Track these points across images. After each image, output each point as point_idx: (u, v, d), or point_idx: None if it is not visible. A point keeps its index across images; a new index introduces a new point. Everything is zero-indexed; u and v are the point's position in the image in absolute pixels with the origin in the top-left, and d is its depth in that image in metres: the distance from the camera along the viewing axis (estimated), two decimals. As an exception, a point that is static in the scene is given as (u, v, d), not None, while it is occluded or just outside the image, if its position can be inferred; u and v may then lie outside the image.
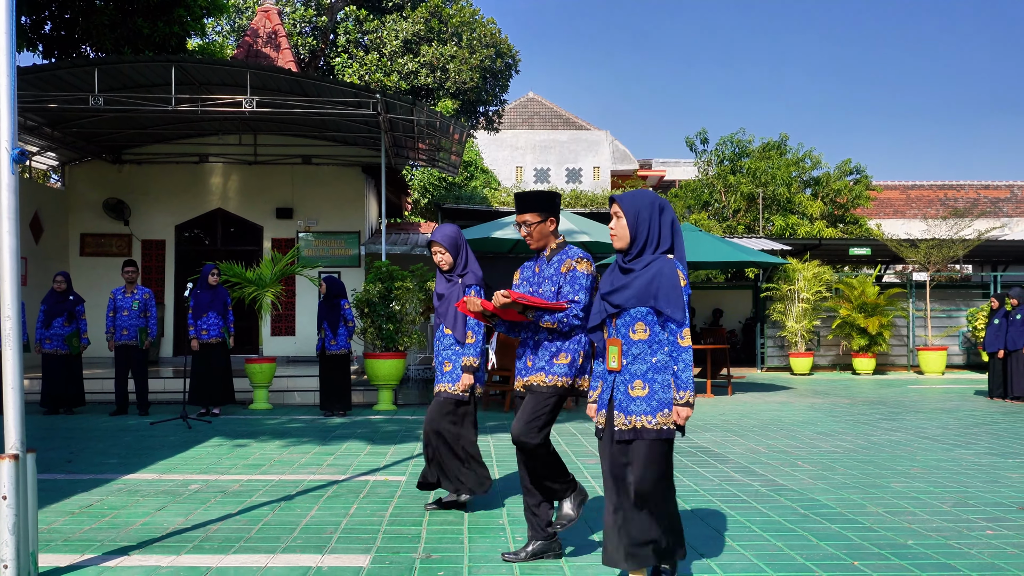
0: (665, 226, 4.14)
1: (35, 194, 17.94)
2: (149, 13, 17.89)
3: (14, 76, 4.48)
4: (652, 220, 4.11)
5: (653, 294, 4.03)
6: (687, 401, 4.02)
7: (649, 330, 4.06)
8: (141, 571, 4.59)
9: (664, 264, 4.06)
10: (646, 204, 4.15)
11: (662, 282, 4.01)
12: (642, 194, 4.23)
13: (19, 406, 4.41)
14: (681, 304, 4.01)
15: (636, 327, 4.09)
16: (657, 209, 4.16)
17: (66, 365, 12.14)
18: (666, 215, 4.16)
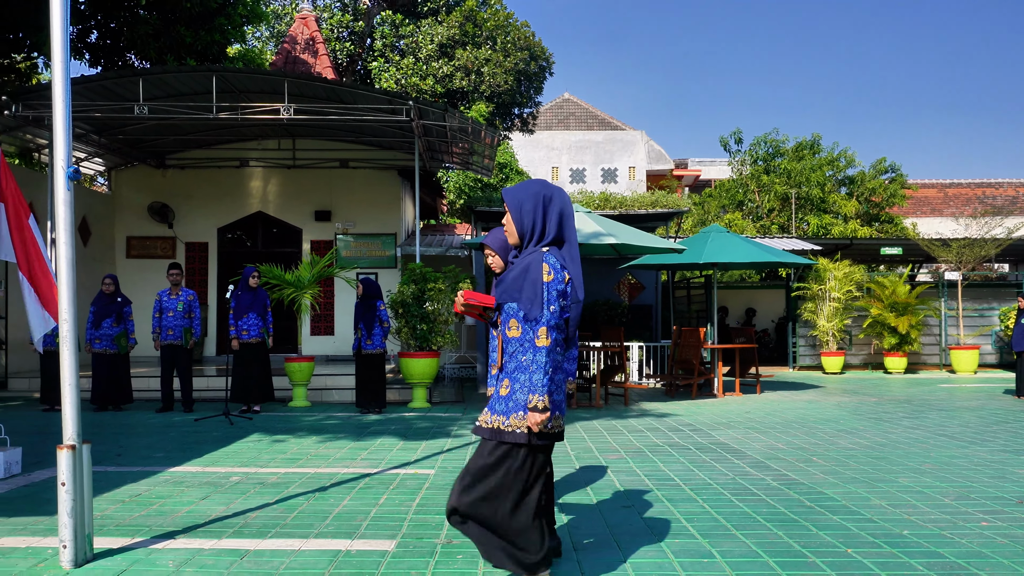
0: (551, 217, 4.01)
1: (83, 198, 18.57)
2: (191, 22, 18.45)
3: (68, 103, 4.91)
4: (536, 212, 4.00)
5: (518, 289, 3.93)
6: (535, 405, 3.84)
7: (520, 327, 3.93)
8: (186, 553, 5.00)
9: (533, 258, 3.93)
10: (530, 196, 4.04)
11: (526, 277, 3.91)
12: (527, 185, 4.10)
13: (75, 402, 4.83)
14: (538, 300, 3.85)
15: (511, 324, 3.99)
16: (542, 200, 4.03)
17: (115, 364, 12.66)
18: (554, 206, 4.04)
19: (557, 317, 3.86)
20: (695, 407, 13.22)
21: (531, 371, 3.85)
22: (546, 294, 3.85)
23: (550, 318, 3.83)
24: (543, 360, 3.82)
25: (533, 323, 3.86)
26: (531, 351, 3.86)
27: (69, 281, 4.88)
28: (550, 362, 3.83)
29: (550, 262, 3.91)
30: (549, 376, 3.84)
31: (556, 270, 3.90)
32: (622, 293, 20.13)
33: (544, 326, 3.83)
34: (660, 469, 7.81)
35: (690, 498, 6.54)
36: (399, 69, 28.12)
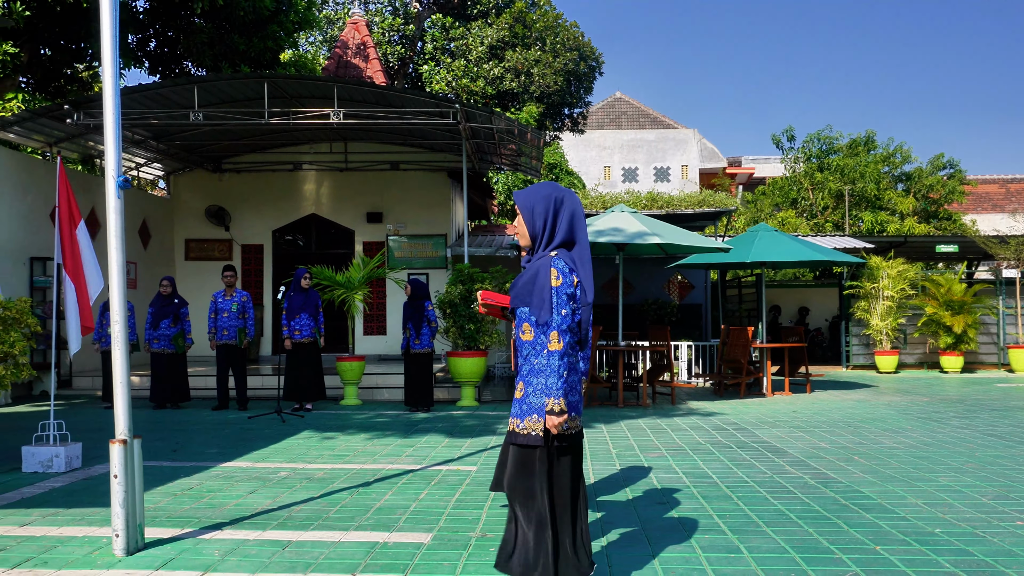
0: (562, 220, 4.05)
1: (143, 203, 19.09)
2: (245, 30, 18.87)
3: (118, 118, 5.16)
4: (547, 214, 4.03)
5: (528, 294, 3.97)
6: (551, 408, 3.87)
7: (533, 331, 3.97)
8: (231, 543, 5.23)
9: (543, 263, 3.97)
10: (541, 198, 4.06)
11: (536, 282, 3.95)
12: (538, 188, 4.11)
13: (126, 398, 5.09)
14: (547, 305, 3.89)
15: (524, 328, 4.02)
16: (553, 203, 4.05)
17: (172, 363, 13.04)
18: (565, 208, 4.06)
19: (568, 320, 3.91)
20: (742, 406, 13.23)
21: (545, 375, 3.88)
22: (555, 298, 3.89)
23: (561, 322, 3.87)
24: (556, 363, 3.85)
25: (544, 327, 3.89)
26: (544, 355, 3.90)
27: (119, 284, 5.13)
28: (563, 365, 3.86)
29: (558, 266, 3.95)
30: (564, 379, 3.87)
31: (565, 274, 3.95)
32: (672, 292, 20.15)
33: (555, 330, 3.87)
34: (699, 467, 7.90)
35: (725, 495, 6.62)
36: (449, 71, 28.40)
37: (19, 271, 14.30)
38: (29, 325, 7.80)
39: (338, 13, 30.79)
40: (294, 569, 4.71)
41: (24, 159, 15.12)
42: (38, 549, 5.12)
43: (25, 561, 4.88)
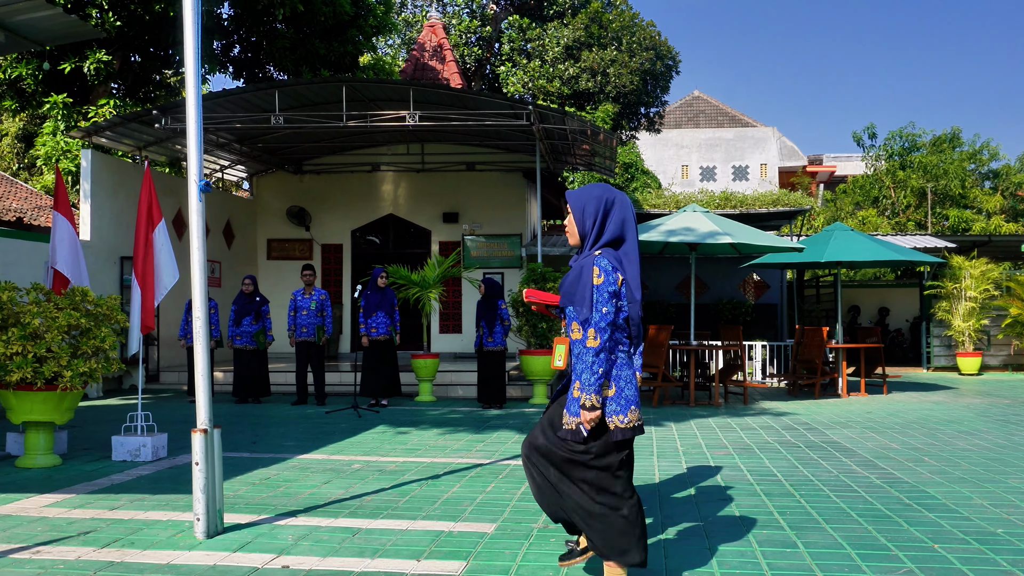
0: (612, 220, 4.13)
1: (227, 204, 19.71)
2: (325, 35, 19.35)
3: (199, 128, 5.45)
4: (598, 214, 4.12)
5: (574, 292, 4.06)
6: (583, 403, 3.95)
7: (581, 330, 4.03)
8: (304, 529, 5.49)
9: (587, 261, 4.05)
10: (592, 199, 4.15)
11: (580, 280, 4.03)
12: (590, 189, 4.21)
13: (207, 391, 5.38)
14: (588, 303, 3.96)
15: (573, 327, 4.06)
16: (604, 203, 4.14)
17: (254, 359, 13.48)
18: (616, 209, 4.15)
19: (609, 318, 3.96)
20: (815, 407, 13.15)
21: (584, 370, 3.97)
22: (596, 296, 3.96)
23: (600, 320, 3.94)
24: (590, 360, 3.93)
25: (586, 324, 3.97)
26: (585, 352, 3.98)
27: (201, 282, 5.43)
28: (599, 362, 3.92)
29: (601, 264, 4.02)
30: (599, 376, 3.93)
31: (607, 272, 4.01)
32: (747, 292, 20.02)
33: (593, 327, 3.94)
34: (765, 466, 7.94)
35: (788, 493, 6.67)
36: (526, 72, 28.61)
37: (110, 270, 14.93)
38: (118, 321, 8.21)
39: (416, 16, 31.26)
40: (362, 554, 4.94)
41: (115, 162, 15.77)
42: (125, 531, 5.45)
43: (113, 542, 5.20)
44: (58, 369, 7.63)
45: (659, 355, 13.38)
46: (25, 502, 6.30)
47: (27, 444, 7.82)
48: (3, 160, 30.83)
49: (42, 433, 7.82)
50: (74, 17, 7.93)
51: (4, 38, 7.53)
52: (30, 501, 6.33)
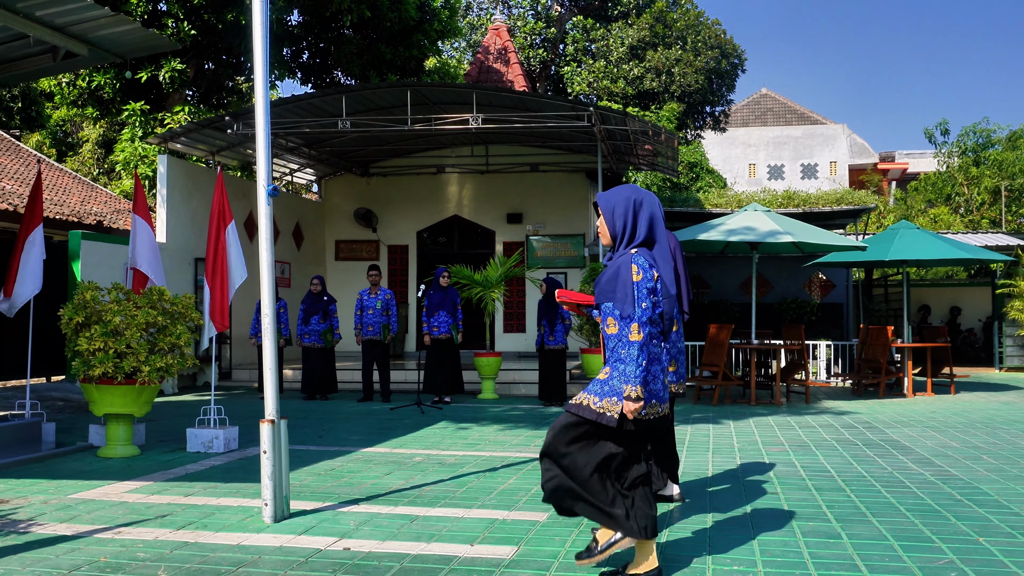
0: (642, 220, 4.32)
1: (297, 206, 20.24)
2: (391, 40, 19.76)
3: (267, 136, 5.76)
4: (628, 215, 4.31)
5: (612, 290, 4.24)
6: (628, 395, 4.12)
7: (617, 324, 4.23)
8: (365, 515, 5.77)
9: (623, 260, 4.24)
10: (621, 200, 4.35)
11: (618, 278, 4.22)
12: (619, 190, 4.41)
13: (275, 383, 5.69)
14: (628, 299, 4.15)
15: (608, 322, 4.27)
16: (633, 204, 4.34)
17: (322, 357, 13.89)
18: (644, 209, 4.34)
19: (649, 313, 4.16)
20: (879, 406, 13.09)
21: (626, 363, 4.15)
22: (637, 292, 4.14)
23: (642, 315, 4.13)
24: (635, 353, 4.11)
25: (627, 320, 4.15)
26: (626, 346, 4.16)
27: (269, 282, 5.74)
28: (643, 355, 4.12)
29: (639, 262, 4.20)
30: (643, 368, 4.13)
31: (645, 269, 4.20)
32: (812, 291, 19.90)
33: (636, 322, 4.13)
34: (819, 462, 8.01)
35: (839, 488, 6.76)
36: (590, 72, 28.76)
37: (185, 270, 15.49)
38: (193, 319, 8.61)
39: (481, 19, 31.60)
40: (419, 539, 5.19)
41: (190, 167, 16.35)
42: (198, 515, 5.79)
43: (188, 524, 5.54)
44: (137, 364, 8.05)
45: (720, 354, 13.45)
46: (107, 488, 6.71)
47: (108, 435, 8.27)
48: (84, 166, 31.97)
49: (122, 425, 8.25)
50: (151, 30, 8.35)
51: (87, 52, 7.96)
52: (111, 487, 6.73)
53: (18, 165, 22.24)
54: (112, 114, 18.80)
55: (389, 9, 18.87)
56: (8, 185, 19.77)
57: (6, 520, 5.66)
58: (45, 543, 5.11)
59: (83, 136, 33.04)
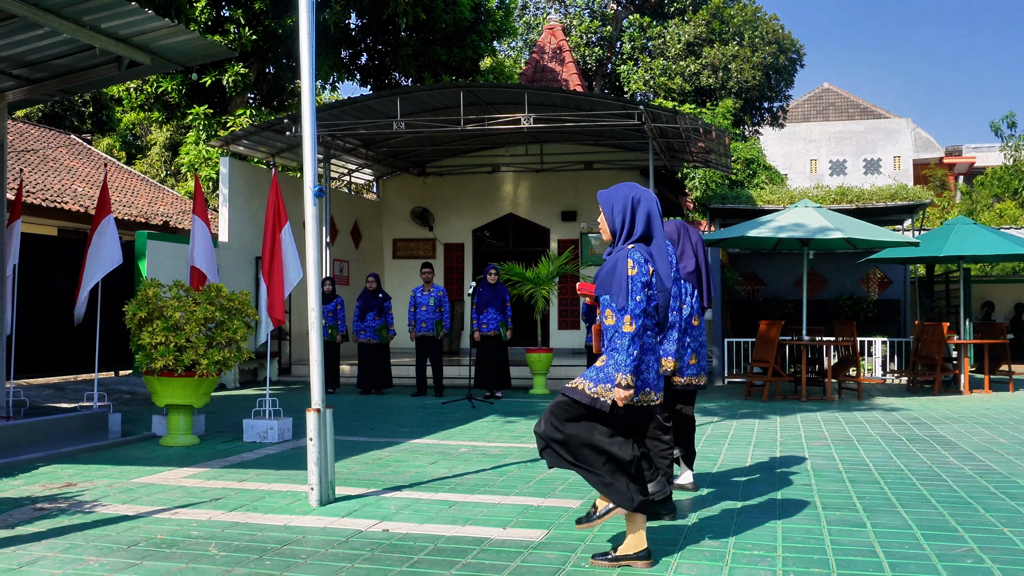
0: (640, 217, 4.53)
1: (355, 205, 20.68)
2: (446, 41, 20.08)
3: (314, 137, 6.06)
4: (626, 212, 4.53)
5: (609, 283, 4.45)
6: (619, 382, 4.33)
7: (614, 316, 4.42)
8: (406, 501, 6.05)
9: (620, 255, 4.46)
10: (620, 198, 4.58)
11: (615, 272, 4.43)
12: (618, 188, 4.63)
13: (320, 375, 5.99)
14: (623, 292, 4.35)
15: (607, 313, 4.47)
16: (631, 202, 4.55)
17: (377, 353, 14.25)
18: (642, 206, 4.55)
19: (643, 305, 4.38)
20: (932, 403, 13.02)
21: (619, 352, 4.35)
22: (631, 286, 4.35)
23: (635, 307, 4.34)
24: (627, 344, 4.32)
25: (622, 312, 4.35)
26: (621, 336, 4.36)
27: (315, 279, 6.04)
28: (634, 345, 4.33)
29: (634, 257, 4.41)
30: (635, 358, 4.33)
31: (640, 264, 4.41)
32: (868, 288, 19.75)
33: (628, 314, 4.33)
34: (858, 456, 8.09)
35: (873, 481, 6.86)
36: (647, 70, 28.80)
37: (246, 268, 15.98)
38: (249, 315, 8.98)
39: (537, 19, 31.81)
40: (455, 522, 5.45)
41: (251, 169, 16.85)
42: (250, 498, 6.13)
43: (239, 507, 5.88)
44: (196, 357, 8.44)
45: (770, 350, 13.49)
46: (167, 473, 7.09)
47: (169, 425, 8.68)
48: (152, 168, 32.93)
49: (182, 415, 8.66)
50: (210, 39, 8.74)
51: (149, 61, 8.37)
52: (171, 473, 7.12)
53: (89, 168, 23.07)
54: (178, 118, 19.42)
55: (444, 11, 19.19)
56: (80, 187, 20.54)
57: (73, 501, 6.06)
58: (108, 522, 5.47)
59: (151, 139, 34.04)
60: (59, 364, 13.85)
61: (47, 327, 13.07)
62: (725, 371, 16.29)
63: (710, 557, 4.71)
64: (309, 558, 4.69)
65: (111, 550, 4.85)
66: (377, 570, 4.48)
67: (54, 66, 8.68)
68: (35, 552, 4.81)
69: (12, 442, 8.03)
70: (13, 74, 8.77)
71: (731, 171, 20.62)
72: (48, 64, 8.61)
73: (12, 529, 5.31)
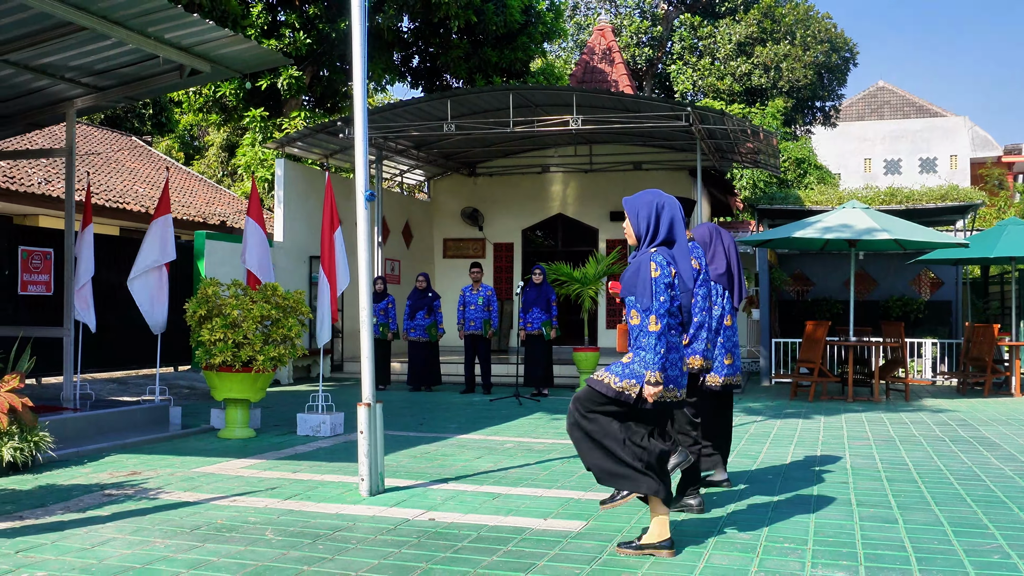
0: (663, 222, 4.75)
1: (407, 205, 21.04)
2: (496, 43, 20.35)
3: (365, 144, 6.34)
4: (651, 218, 4.75)
5: (633, 285, 4.68)
6: (648, 380, 4.56)
7: (639, 316, 4.65)
8: (452, 492, 6.32)
9: (643, 258, 4.69)
10: (645, 204, 4.80)
11: (639, 274, 4.66)
12: (643, 195, 4.85)
13: (371, 371, 6.28)
14: (647, 293, 4.58)
15: (632, 314, 4.69)
16: (655, 208, 4.77)
17: (427, 351, 14.55)
18: (666, 212, 4.77)
19: (667, 306, 4.59)
20: (981, 404, 12.99)
21: (646, 351, 4.58)
22: (654, 287, 4.58)
23: (659, 307, 4.56)
24: (653, 342, 4.56)
25: (647, 312, 4.58)
26: (647, 335, 4.59)
27: (367, 279, 6.33)
28: (661, 343, 4.55)
29: (657, 260, 4.63)
30: (662, 356, 4.56)
31: (663, 267, 4.63)
32: (920, 289, 19.65)
33: (654, 314, 4.56)
34: (899, 456, 8.18)
35: (911, 480, 6.97)
36: (696, 70, 28.83)
37: (300, 268, 16.39)
38: (303, 313, 9.32)
39: (588, 19, 31.97)
40: (498, 512, 5.70)
41: (305, 170, 17.26)
42: (304, 488, 6.44)
43: (294, 495, 6.19)
44: (252, 353, 8.79)
45: (816, 351, 13.55)
46: (225, 464, 7.44)
47: (227, 418, 9.05)
48: (210, 168, 33.67)
49: (239, 409, 9.02)
50: (267, 48, 9.09)
51: (209, 69, 8.74)
52: (229, 464, 7.46)
53: (149, 170, 23.74)
54: (235, 120, 19.93)
55: (495, 14, 19.45)
56: (141, 188, 21.17)
57: (139, 488, 6.41)
58: (171, 507, 5.81)
59: (208, 141, 34.80)
60: (121, 360, 14.37)
61: (110, 325, 13.57)
62: (772, 371, 16.34)
63: (741, 548, 4.90)
64: (359, 544, 4.97)
65: (175, 533, 5.17)
66: (423, 555, 4.74)
67: (120, 74, 9.09)
68: (105, 534, 5.15)
69: (80, 432, 8.44)
70: (82, 82, 9.19)
71: (780, 171, 20.62)
72: (114, 72, 9.02)
73: (83, 512, 5.67)
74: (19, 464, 6.87)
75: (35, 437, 7.02)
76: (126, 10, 7.31)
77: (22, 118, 10.00)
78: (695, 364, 5.54)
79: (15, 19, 7.50)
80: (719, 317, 6.10)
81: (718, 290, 6.17)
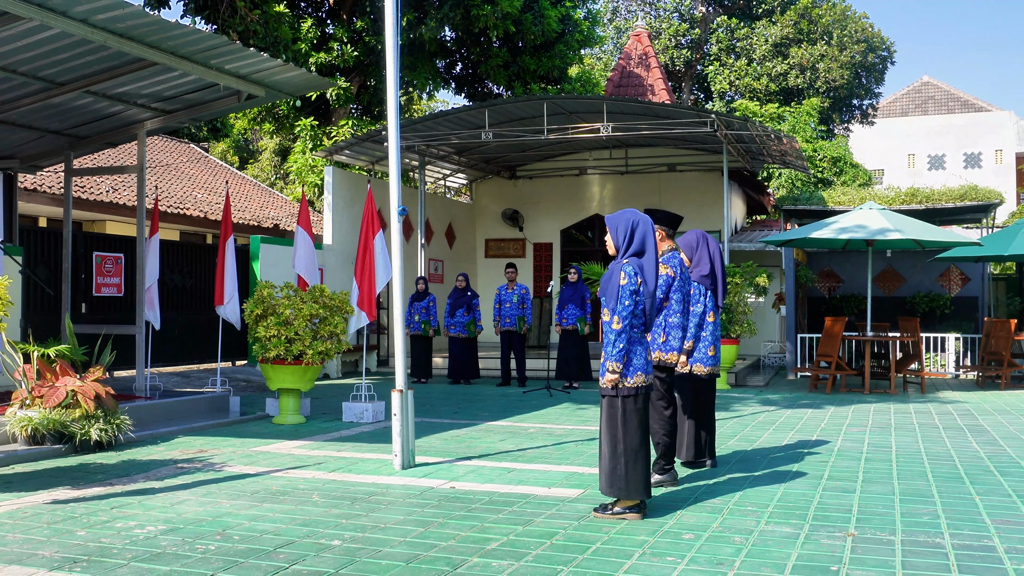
0: (637, 237, 5.57)
1: (450, 208, 22.06)
2: (534, 51, 21.29)
3: (399, 160, 7.32)
4: (627, 233, 5.58)
5: (606, 290, 5.55)
6: (608, 368, 5.50)
7: (609, 315, 5.53)
8: (473, 467, 7.30)
9: (616, 267, 5.54)
10: (623, 221, 5.64)
11: (611, 280, 5.53)
12: (622, 213, 5.69)
13: (404, 361, 7.27)
14: (614, 297, 5.47)
15: (604, 312, 5.59)
16: (630, 225, 5.60)
17: (466, 346, 15.53)
18: (639, 229, 5.58)
19: (629, 309, 5.46)
20: (992, 397, 13.58)
21: (610, 345, 5.51)
22: (620, 293, 5.47)
23: (623, 310, 5.46)
24: (613, 338, 5.49)
25: (613, 312, 5.50)
26: (611, 331, 5.52)
27: (400, 280, 7.31)
28: (620, 339, 5.45)
29: (627, 270, 5.49)
30: (621, 350, 5.45)
31: (631, 276, 5.48)
32: (948, 285, 20.19)
33: (617, 315, 5.48)
34: (886, 441, 8.96)
35: (887, 460, 7.77)
36: (732, 71, 29.48)
37: (347, 269, 17.45)
38: (348, 312, 10.34)
39: (627, 23, 32.75)
40: (509, 483, 6.66)
41: (352, 176, 18.35)
42: (346, 463, 7.46)
43: (337, 469, 7.22)
44: (302, 348, 9.84)
45: (834, 345, 14.28)
46: (279, 445, 8.50)
47: (280, 406, 10.12)
48: (263, 172, 35.02)
49: (291, 398, 10.08)
50: (314, 74, 10.15)
51: (264, 93, 9.81)
52: (283, 444, 8.52)
53: (207, 175, 25.04)
54: (287, 128, 21.11)
55: (532, 24, 20.38)
56: (199, 194, 22.44)
57: (206, 462, 7.48)
58: (234, 477, 6.85)
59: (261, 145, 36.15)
60: (182, 355, 15.56)
61: (173, 322, 14.75)
62: (797, 364, 17.06)
63: (711, 511, 5.80)
64: (389, 505, 5.96)
65: (238, 495, 6.20)
66: (441, 513, 5.71)
67: (185, 99, 10.21)
68: (181, 496, 6.20)
69: (152, 418, 9.56)
70: (152, 107, 10.34)
71: (808, 171, 21.27)
72: (180, 98, 10.15)
73: (161, 481, 6.74)
74: (104, 443, 7.98)
75: (117, 420, 8.13)
76: (192, 47, 8.39)
77: (99, 138, 11.21)
78: (671, 359, 6.42)
79: (98, 56, 8.62)
80: (701, 314, 6.96)
81: (701, 289, 7.03)
